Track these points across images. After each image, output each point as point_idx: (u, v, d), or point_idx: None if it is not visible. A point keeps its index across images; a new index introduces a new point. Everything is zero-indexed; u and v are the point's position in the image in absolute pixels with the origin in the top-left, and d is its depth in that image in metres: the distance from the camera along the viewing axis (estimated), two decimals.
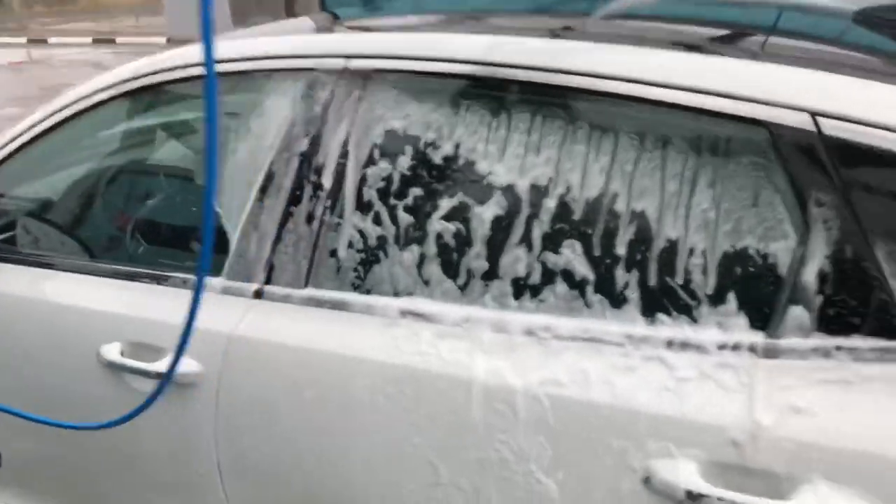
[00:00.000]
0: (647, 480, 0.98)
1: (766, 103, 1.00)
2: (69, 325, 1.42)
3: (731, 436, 0.94)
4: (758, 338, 0.98)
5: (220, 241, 1.32)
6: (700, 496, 0.94)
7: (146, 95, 1.53)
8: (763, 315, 0.99)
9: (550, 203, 1.11)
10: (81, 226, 1.71)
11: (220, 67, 0.85)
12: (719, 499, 0.92)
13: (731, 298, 1.01)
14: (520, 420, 1.05)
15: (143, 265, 1.45)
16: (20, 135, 1.55)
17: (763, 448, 0.93)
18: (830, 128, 0.97)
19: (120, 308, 1.38)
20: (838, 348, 0.94)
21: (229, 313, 1.27)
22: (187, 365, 1.24)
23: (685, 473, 0.95)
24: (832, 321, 0.95)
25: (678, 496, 0.95)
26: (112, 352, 1.33)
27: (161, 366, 1.26)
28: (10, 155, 1.57)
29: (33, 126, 1.53)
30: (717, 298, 1.01)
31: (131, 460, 1.41)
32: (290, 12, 5.35)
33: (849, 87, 1.00)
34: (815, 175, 0.97)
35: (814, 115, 0.98)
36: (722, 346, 0.99)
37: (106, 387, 1.35)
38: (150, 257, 1.62)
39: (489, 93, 1.18)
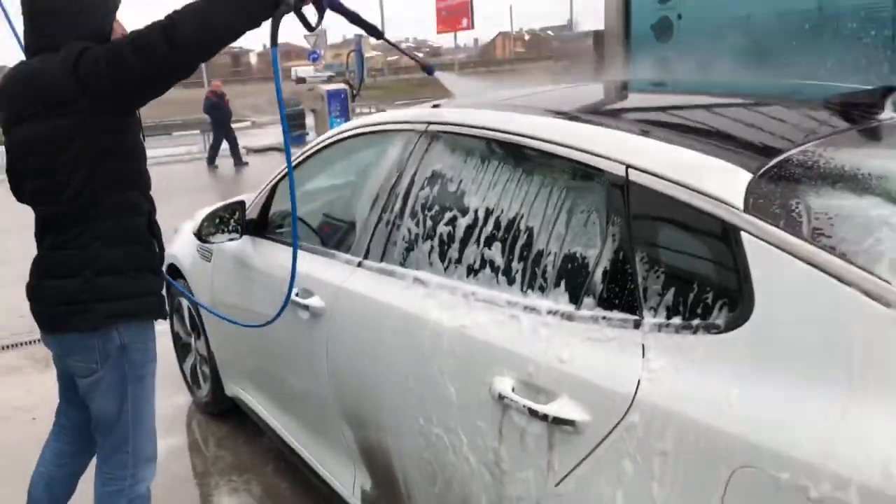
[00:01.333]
0: (489, 388, 1.54)
1: (607, 156, 1.50)
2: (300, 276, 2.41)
3: (533, 366, 1.47)
4: (569, 308, 1.48)
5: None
6: (503, 397, 1.48)
7: (353, 142, 2.46)
8: (576, 294, 1.49)
9: (486, 217, 1.73)
10: (317, 223, 2.71)
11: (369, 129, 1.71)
12: (528, 407, 1.44)
13: (563, 283, 1.52)
14: (443, 349, 1.69)
15: (329, 246, 2.37)
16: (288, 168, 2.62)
17: (545, 374, 1.44)
18: (636, 174, 1.44)
19: (318, 269, 2.28)
20: (603, 318, 1.41)
21: (342, 274, 2.12)
22: (318, 301, 2.12)
23: (504, 385, 1.50)
24: (604, 300, 1.42)
25: (496, 397, 1.50)
26: (303, 297, 2.24)
27: (315, 301, 2.15)
28: (283, 178, 2.66)
29: (302, 155, 2.59)
30: (555, 282, 1.53)
31: (290, 359, 2.34)
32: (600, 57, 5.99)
33: (643, 148, 1.45)
34: (618, 205, 1.45)
35: (626, 165, 1.46)
36: (549, 312, 1.51)
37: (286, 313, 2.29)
38: (335, 242, 2.53)
39: (480, 148, 1.84)
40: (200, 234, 2.65)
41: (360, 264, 2.12)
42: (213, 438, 3.38)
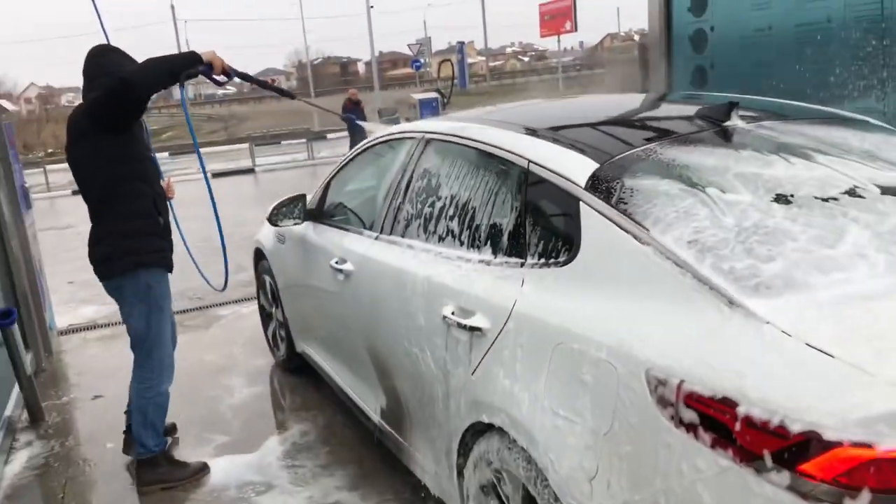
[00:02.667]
0: (440, 314, 2.24)
1: (518, 153, 2.17)
2: (335, 246, 3.19)
3: (464, 297, 2.16)
4: (488, 258, 2.17)
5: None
6: (447, 318, 2.18)
7: (380, 147, 3.22)
8: (493, 248, 2.17)
9: (446, 197, 2.44)
10: (358, 209, 3.48)
11: (390, 138, 2.55)
12: (458, 322, 2.13)
13: (487, 242, 2.21)
14: (418, 292, 2.40)
15: (363, 227, 3.12)
16: (337, 167, 3.42)
17: (471, 301, 2.13)
18: (535, 167, 2.10)
19: (351, 243, 3.07)
20: (505, 263, 2.08)
21: (366, 245, 2.88)
22: (350, 266, 2.89)
23: (448, 310, 2.20)
24: (508, 251, 2.10)
25: (443, 318, 2.21)
26: (339, 264, 3.03)
27: (348, 266, 2.93)
28: (333, 176, 3.46)
29: (347, 158, 3.38)
30: (483, 242, 2.22)
31: (333, 314, 3.12)
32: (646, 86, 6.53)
33: (537, 147, 2.12)
34: (521, 186, 2.12)
35: (528, 160, 2.12)
36: (478, 261, 2.20)
37: (329, 277, 3.07)
38: (364, 223, 3.27)
39: (454, 148, 2.54)
40: (271, 219, 3.50)
41: (377, 238, 2.87)
42: (287, 387, 4.22)
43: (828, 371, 1.29)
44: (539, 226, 2.03)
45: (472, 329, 2.07)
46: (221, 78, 3.14)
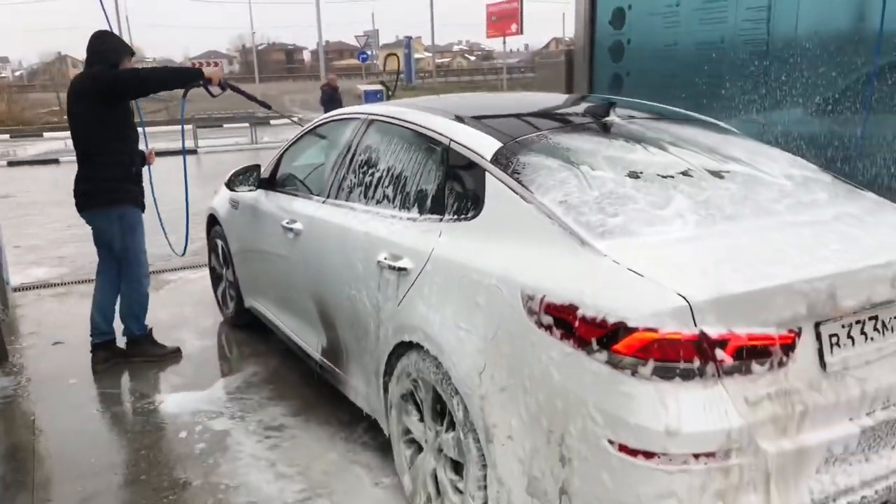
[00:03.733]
0: (375, 260, 2.79)
1: (443, 134, 2.74)
2: (285, 210, 3.70)
3: (395, 246, 2.71)
4: (415, 215, 2.73)
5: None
6: (380, 263, 2.73)
7: (329, 125, 3.75)
8: (420, 208, 2.73)
9: (384, 168, 2.99)
10: (307, 178, 3.99)
11: (338, 118, 3.06)
12: (389, 265, 2.68)
13: (416, 203, 2.77)
14: (357, 245, 2.95)
15: (311, 193, 3.64)
16: (289, 142, 3.93)
17: (400, 249, 2.68)
18: (455, 145, 2.67)
19: (301, 207, 3.59)
20: (428, 219, 2.65)
21: (314, 207, 3.40)
22: (300, 225, 3.41)
23: (381, 256, 2.75)
24: (431, 210, 2.66)
25: (377, 263, 2.76)
26: (290, 224, 3.55)
27: (298, 226, 3.44)
28: (285, 150, 3.97)
29: (299, 133, 3.89)
30: (412, 203, 2.78)
31: (283, 269, 3.63)
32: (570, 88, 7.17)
33: (458, 129, 2.69)
34: (443, 160, 2.69)
35: (450, 139, 2.69)
36: (407, 219, 2.76)
37: (280, 236, 3.58)
38: (312, 190, 3.79)
39: (389, 127, 3.09)
40: (229, 184, 3.99)
41: (324, 202, 3.39)
42: (235, 341, 4.70)
43: (637, 285, 1.89)
44: (455, 190, 2.61)
45: (400, 269, 2.63)
46: (216, 90, 4.14)
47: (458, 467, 2.47)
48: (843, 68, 4.56)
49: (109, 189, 3.98)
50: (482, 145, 2.55)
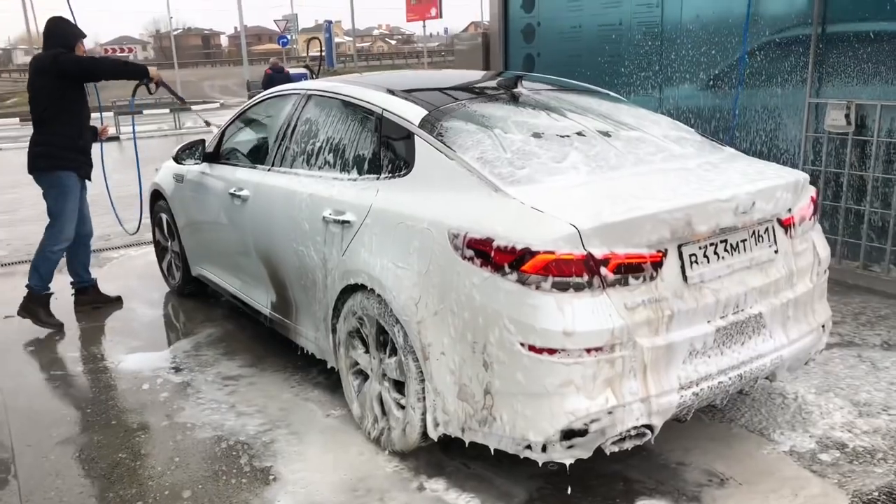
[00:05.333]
0: (321, 217, 3.19)
1: (377, 105, 3.16)
2: (231, 180, 4.05)
3: (338, 203, 3.13)
4: (354, 176, 3.15)
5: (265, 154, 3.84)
6: (325, 218, 3.14)
7: (268, 101, 4.11)
8: (358, 170, 3.15)
9: (324, 137, 3.40)
10: (249, 149, 4.34)
11: (278, 93, 3.42)
12: (333, 219, 3.09)
13: (354, 166, 3.18)
14: (303, 206, 3.34)
15: (255, 163, 4.00)
16: (234, 116, 4.27)
17: (343, 205, 3.10)
18: (387, 114, 3.10)
19: (247, 175, 3.95)
20: (366, 178, 3.07)
21: (259, 176, 3.77)
22: (246, 193, 3.77)
23: (327, 213, 3.16)
24: (368, 171, 3.09)
25: (322, 219, 3.17)
26: (238, 191, 3.90)
27: (245, 193, 3.81)
28: (228, 125, 4.31)
29: (241, 109, 4.23)
30: (351, 166, 3.20)
31: (231, 235, 3.99)
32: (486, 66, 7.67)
33: (390, 100, 3.12)
34: (377, 128, 3.11)
35: (383, 109, 3.12)
36: (347, 179, 3.17)
37: (228, 204, 3.93)
38: (258, 160, 4.15)
39: (323, 100, 3.49)
40: (176, 158, 4.31)
41: (269, 170, 3.77)
42: (183, 308, 5.01)
43: (540, 219, 2.38)
44: (388, 153, 3.04)
45: (344, 223, 3.05)
46: (153, 87, 4.87)
47: (399, 387, 2.92)
48: (721, 48, 5.19)
49: (52, 154, 4.52)
50: (411, 113, 2.99)
